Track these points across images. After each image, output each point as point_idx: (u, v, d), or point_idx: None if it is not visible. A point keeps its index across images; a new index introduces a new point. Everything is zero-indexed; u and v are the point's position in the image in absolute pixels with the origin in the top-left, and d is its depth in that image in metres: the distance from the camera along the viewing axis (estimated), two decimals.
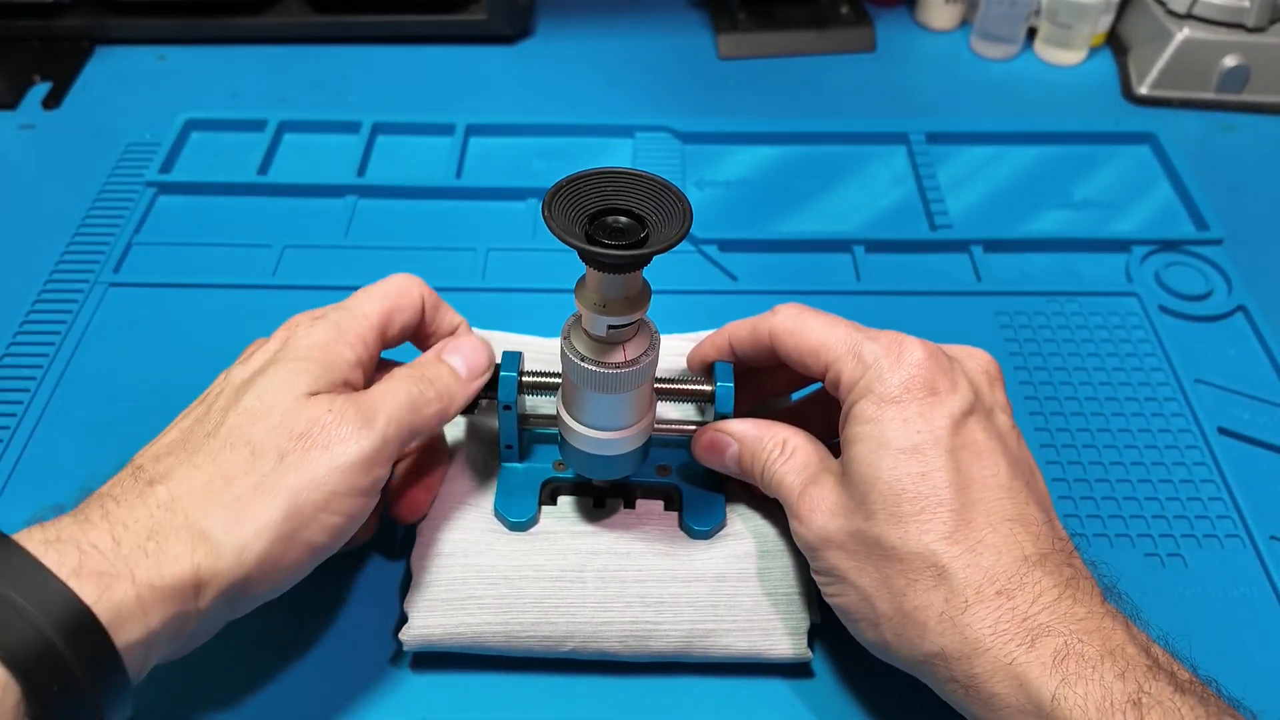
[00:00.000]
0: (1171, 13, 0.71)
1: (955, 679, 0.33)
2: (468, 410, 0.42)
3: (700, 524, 0.42)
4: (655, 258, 0.32)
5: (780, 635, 0.39)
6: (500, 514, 0.42)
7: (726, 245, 0.59)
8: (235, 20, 0.74)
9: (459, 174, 0.64)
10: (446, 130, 0.67)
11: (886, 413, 0.35)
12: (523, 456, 0.44)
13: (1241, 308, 0.56)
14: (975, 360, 0.39)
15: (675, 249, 0.59)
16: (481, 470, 0.44)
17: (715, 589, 0.40)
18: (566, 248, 0.31)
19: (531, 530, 0.42)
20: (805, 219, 0.61)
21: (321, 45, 0.75)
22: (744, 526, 0.42)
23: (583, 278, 0.34)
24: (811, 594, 0.40)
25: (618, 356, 0.35)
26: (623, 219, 0.33)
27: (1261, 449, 0.49)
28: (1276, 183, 0.65)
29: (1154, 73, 0.71)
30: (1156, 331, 0.54)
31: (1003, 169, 0.65)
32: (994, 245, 0.59)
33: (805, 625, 0.39)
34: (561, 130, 0.67)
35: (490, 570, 0.40)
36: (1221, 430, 0.50)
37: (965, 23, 0.78)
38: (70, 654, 0.27)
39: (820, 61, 0.75)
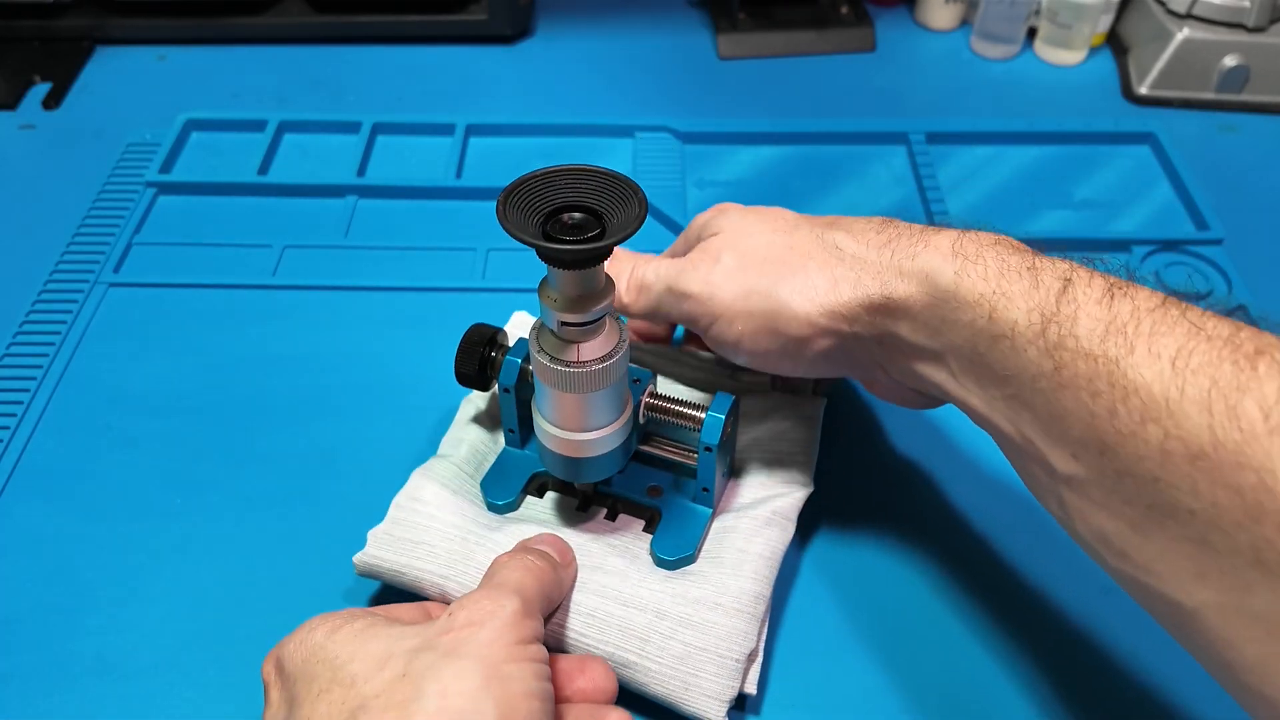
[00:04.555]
0: (1171, 13, 0.71)
1: (873, 310, 0.36)
2: (483, 385, 0.42)
3: (665, 552, 0.40)
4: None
5: (700, 695, 0.37)
6: (483, 492, 0.42)
7: None
8: (235, 20, 0.74)
9: (459, 174, 0.64)
10: (446, 130, 0.67)
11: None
12: (524, 443, 0.44)
13: (1241, 307, 0.56)
14: None
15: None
16: (488, 443, 0.45)
17: (651, 623, 0.38)
18: None
19: (510, 515, 0.42)
20: None
21: (321, 45, 0.75)
22: (711, 572, 0.39)
23: (546, 276, 0.35)
24: (751, 667, 0.38)
25: (571, 355, 0.35)
26: (578, 215, 0.33)
27: None
28: (1276, 183, 0.65)
29: (1154, 73, 0.71)
30: None
31: (1003, 169, 0.65)
32: None
33: (732, 693, 0.37)
34: (561, 130, 0.67)
35: (453, 529, 0.40)
36: None
37: (965, 23, 0.78)
38: None
39: (820, 61, 0.75)
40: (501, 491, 0.42)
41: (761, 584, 0.39)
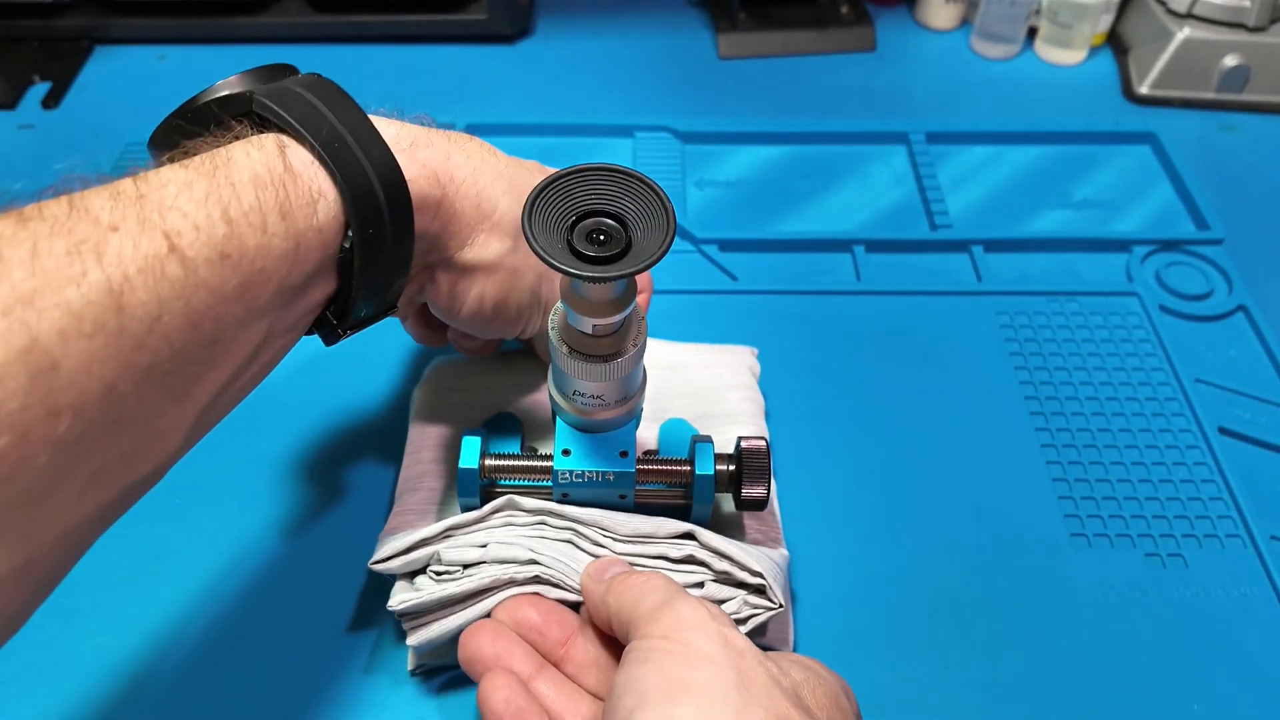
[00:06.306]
0: (1172, 12, 0.71)
1: None
2: None
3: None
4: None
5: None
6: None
7: (726, 245, 0.59)
8: (235, 20, 0.74)
9: None
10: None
11: None
12: None
13: (1242, 307, 0.56)
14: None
15: (674, 248, 0.59)
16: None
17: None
18: None
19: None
20: (805, 219, 0.61)
21: (321, 45, 0.75)
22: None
23: None
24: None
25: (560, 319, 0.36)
26: (607, 221, 0.32)
27: (1262, 449, 0.49)
28: (1276, 183, 0.65)
29: (1154, 72, 0.71)
30: (1157, 331, 0.54)
31: (1003, 169, 0.65)
32: (994, 245, 0.59)
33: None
34: (561, 130, 0.67)
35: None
36: (1222, 430, 0.50)
37: (965, 22, 0.78)
38: (387, 208, 0.32)
39: (820, 61, 0.75)
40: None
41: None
